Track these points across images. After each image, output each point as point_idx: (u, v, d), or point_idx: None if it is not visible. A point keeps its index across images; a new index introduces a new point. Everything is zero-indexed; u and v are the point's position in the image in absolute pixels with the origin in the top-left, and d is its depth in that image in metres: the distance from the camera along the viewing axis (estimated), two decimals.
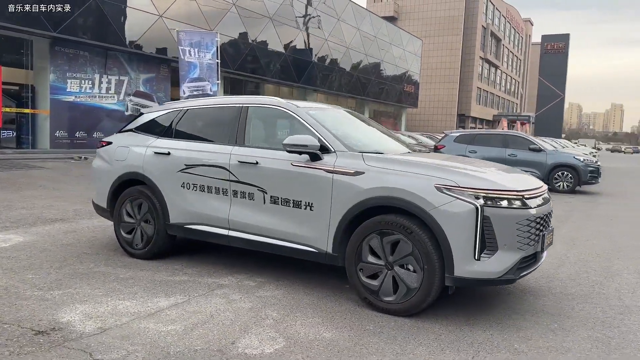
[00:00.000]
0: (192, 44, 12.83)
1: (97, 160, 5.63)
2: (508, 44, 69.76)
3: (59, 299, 3.90)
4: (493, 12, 61.81)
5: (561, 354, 3.22)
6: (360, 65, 32.83)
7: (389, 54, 36.27)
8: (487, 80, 62.88)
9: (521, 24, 77.14)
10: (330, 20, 29.00)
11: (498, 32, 63.56)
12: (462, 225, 3.50)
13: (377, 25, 34.68)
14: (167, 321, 3.54)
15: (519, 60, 77.67)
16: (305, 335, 3.38)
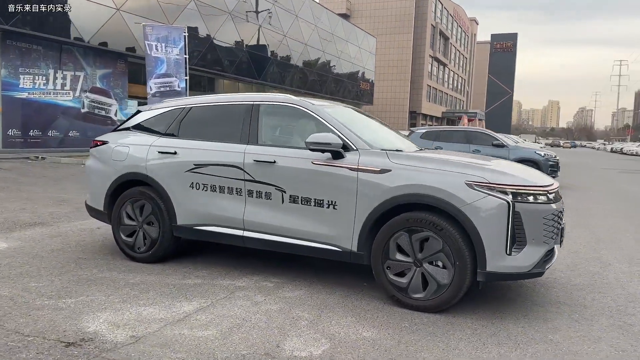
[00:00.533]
0: (159, 39, 12.42)
1: (91, 160, 5.37)
2: (455, 42, 71.74)
3: (75, 308, 3.70)
4: (441, 11, 63.36)
5: (594, 343, 3.35)
6: (318, 62, 32.87)
7: (345, 51, 36.50)
8: (436, 78, 64.45)
9: (467, 23, 79.53)
10: (288, 17, 28.87)
11: (446, 31, 65.25)
12: (494, 221, 3.58)
13: (334, 22, 34.82)
14: (200, 326, 3.43)
15: (465, 58, 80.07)
16: (345, 335, 3.36)
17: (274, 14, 27.18)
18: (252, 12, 25.30)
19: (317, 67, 32.76)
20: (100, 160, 5.21)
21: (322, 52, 33.20)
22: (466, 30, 78.02)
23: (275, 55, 27.90)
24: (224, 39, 23.97)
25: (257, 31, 26.05)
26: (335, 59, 35.18)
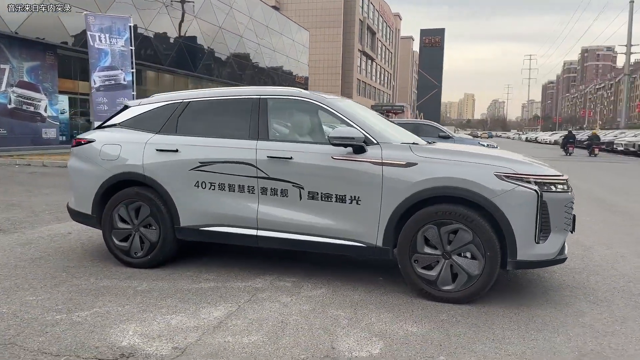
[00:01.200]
0: (102, 29, 11.63)
1: (74, 160, 4.95)
2: (381, 37, 73.32)
3: (94, 321, 3.40)
4: (368, 6, 64.45)
5: (622, 323, 3.53)
6: (254, 55, 32.38)
7: (280, 44, 36.21)
8: (365, 72, 65.60)
9: (392, 18, 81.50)
10: (223, 8, 28.17)
11: (373, 26, 66.51)
12: (524, 211, 3.67)
13: (268, 14, 34.42)
14: (241, 332, 3.27)
15: (390, 53, 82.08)
16: (393, 332, 3.32)
17: (209, 5, 26.42)
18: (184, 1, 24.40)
19: (253, 59, 32.27)
20: (86, 160, 4.82)
21: (258, 45, 32.75)
22: (391, 25, 79.94)
23: (211, 48, 27.14)
24: (158, 30, 23.00)
25: (193, 22, 25.20)
26: (271, 51, 34.83)
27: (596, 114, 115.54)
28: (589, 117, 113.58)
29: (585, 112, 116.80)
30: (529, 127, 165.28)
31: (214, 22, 27.18)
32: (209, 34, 26.78)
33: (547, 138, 60.63)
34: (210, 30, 26.89)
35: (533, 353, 3.03)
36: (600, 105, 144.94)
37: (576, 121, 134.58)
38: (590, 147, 28.16)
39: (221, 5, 27.89)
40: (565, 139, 29.72)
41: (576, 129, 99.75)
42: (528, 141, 69.64)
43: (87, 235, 5.93)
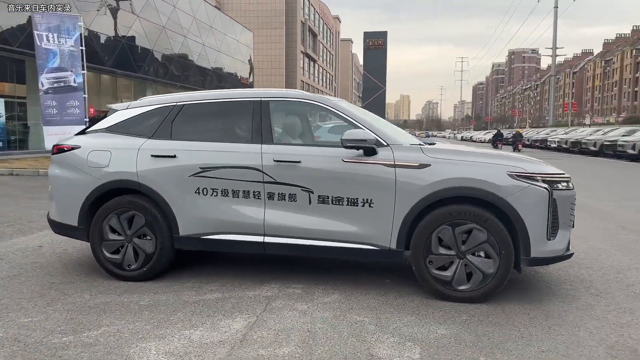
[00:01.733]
0: (50, 29, 10.90)
1: (56, 169, 4.59)
2: (322, 39, 73.79)
3: (107, 342, 3.16)
4: (309, 8, 64.66)
5: (631, 314, 3.68)
6: (199, 55, 31.63)
7: (224, 44, 35.58)
8: (308, 74, 65.77)
9: (332, 20, 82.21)
10: (167, 7, 27.33)
11: (314, 28, 66.80)
12: (537, 209, 3.76)
13: (212, 15, 33.73)
14: (271, 345, 3.14)
15: (331, 55, 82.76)
16: (423, 335, 3.30)
17: (152, 5, 25.55)
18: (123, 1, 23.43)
19: (198, 59, 31.52)
20: (71, 169, 4.49)
21: (202, 46, 32.02)
22: (331, 27, 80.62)
23: (154, 48, 26.25)
24: (100, 30, 21.96)
25: (136, 22, 24.27)
26: (215, 52, 34.16)
27: (525, 113, 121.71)
28: (519, 116, 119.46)
29: (515, 111, 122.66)
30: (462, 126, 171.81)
31: (158, 22, 26.32)
32: (153, 34, 25.89)
33: (481, 137, 63.15)
34: (154, 30, 26.01)
35: (564, 349, 3.09)
36: (528, 105, 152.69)
37: (506, 120, 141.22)
38: (514, 144, 32.18)
39: (164, 4, 27.04)
40: (495, 137, 35.40)
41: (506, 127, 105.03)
42: (463, 140, 72.19)
43: (61, 248, 5.55)
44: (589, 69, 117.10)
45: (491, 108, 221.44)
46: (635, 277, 4.59)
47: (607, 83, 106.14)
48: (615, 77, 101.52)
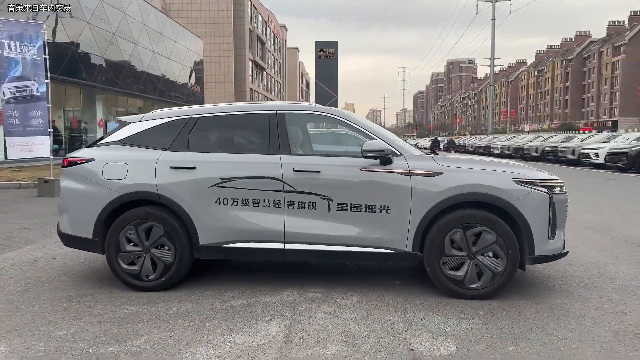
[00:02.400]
0: (12, 37, 10.48)
1: (69, 182, 4.56)
2: (270, 47, 73.97)
3: (154, 349, 3.25)
4: (257, 16, 64.71)
5: (624, 304, 4.10)
6: (149, 62, 31.00)
7: (174, 52, 35.05)
8: (257, 82, 65.69)
9: (278, 29, 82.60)
10: (117, 14, 26.69)
11: (262, 36, 66.89)
12: (540, 211, 4.14)
13: (162, 21, 33.19)
14: (316, 344, 3.32)
15: (279, 63, 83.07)
16: (451, 329, 3.57)
17: (102, 11, 24.88)
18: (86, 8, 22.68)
19: (148, 67, 30.88)
20: (85, 181, 4.48)
21: (153, 53, 31.41)
22: (278, 36, 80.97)
23: (105, 55, 25.54)
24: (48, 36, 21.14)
25: (86, 28, 23.56)
26: (166, 59, 33.59)
27: (465, 121, 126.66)
28: (460, 123, 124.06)
29: (456, 119, 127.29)
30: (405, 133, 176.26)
31: (108, 29, 25.65)
32: (103, 40, 25.20)
33: (425, 143, 65.16)
34: (104, 36, 25.32)
35: (578, 336, 3.45)
36: (467, 113, 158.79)
37: (446, 128, 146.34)
38: (448, 149, 37.07)
39: (114, 11, 26.40)
40: (432, 144, 38.74)
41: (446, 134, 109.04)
42: None
43: (59, 262, 5.48)
44: (523, 78, 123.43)
45: (432, 116, 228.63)
46: (614, 271, 5.08)
47: (540, 92, 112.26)
48: (547, 86, 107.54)
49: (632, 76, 78.58)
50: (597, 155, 21.49)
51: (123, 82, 27.90)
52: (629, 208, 9.58)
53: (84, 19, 23.39)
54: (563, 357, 3.14)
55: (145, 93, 30.61)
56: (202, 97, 42.12)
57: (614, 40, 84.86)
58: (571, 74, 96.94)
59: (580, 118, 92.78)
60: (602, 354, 3.18)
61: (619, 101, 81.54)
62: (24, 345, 3.32)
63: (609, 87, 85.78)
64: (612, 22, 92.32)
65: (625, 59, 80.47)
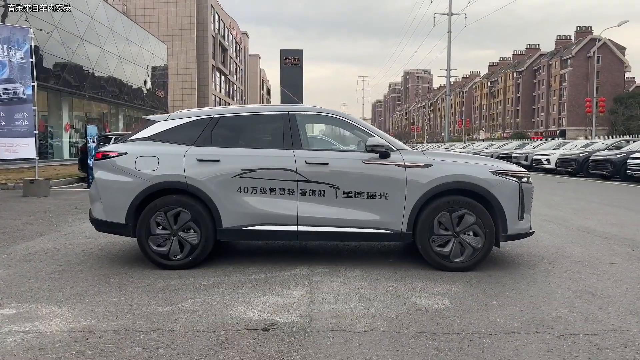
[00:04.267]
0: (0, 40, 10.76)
1: (104, 172, 5.09)
2: (232, 54, 74.19)
3: (202, 309, 3.85)
4: (219, 23, 64.92)
5: (577, 273, 4.99)
6: (116, 67, 30.93)
7: (140, 56, 35.02)
8: (220, 88, 65.79)
9: (240, 36, 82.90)
10: (84, 19, 26.62)
11: (225, 42, 67.09)
12: (511, 197, 4.99)
13: (128, 27, 33.16)
14: (337, 302, 4.00)
15: (241, 69, 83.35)
16: (444, 291, 4.33)
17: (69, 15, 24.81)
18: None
19: (114, 72, 30.80)
20: (119, 172, 5.04)
21: (119, 58, 31.36)
22: (240, 43, 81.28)
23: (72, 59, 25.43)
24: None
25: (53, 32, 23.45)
26: (131, 64, 33.54)
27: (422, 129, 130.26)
28: (418, 132, 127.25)
29: (415, 128, 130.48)
30: None
31: (75, 33, 25.57)
32: (70, 44, 25.11)
33: None
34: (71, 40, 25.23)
35: (545, 294, 4.28)
36: (423, 122, 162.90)
37: (404, 136, 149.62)
38: None
39: (82, 15, 26.34)
40: None
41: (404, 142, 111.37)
42: None
43: (80, 249, 5.96)
44: (476, 89, 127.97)
45: (390, 124, 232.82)
46: (570, 251, 5.99)
47: (493, 102, 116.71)
48: (499, 97, 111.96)
49: (578, 88, 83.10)
50: (548, 161, 23.07)
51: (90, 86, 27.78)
52: (580, 205, 10.72)
53: (52, 23, 23.30)
54: (535, 306, 3.96)
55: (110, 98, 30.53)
56: (167, 103, 42.09)
57: (562, 53, 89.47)
58: (522, 85, 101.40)
59: (531, 127, 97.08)
60: (565, 304, 4.02)
61: (567, 112, 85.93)
62: (87, 308, 3.87)
63: (557, 98, 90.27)
64: (559, 37, 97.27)
65: (572, 71, 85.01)
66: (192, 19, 56.01)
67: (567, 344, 3.23)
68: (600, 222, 8.27)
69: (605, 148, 20.81)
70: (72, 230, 7.18)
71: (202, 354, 3.04)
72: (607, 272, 5.04)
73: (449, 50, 55.61)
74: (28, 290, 4.32)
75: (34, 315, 3.70)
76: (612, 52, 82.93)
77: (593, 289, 4.46)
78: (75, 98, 27.58)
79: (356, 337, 3.32)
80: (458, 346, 3.19)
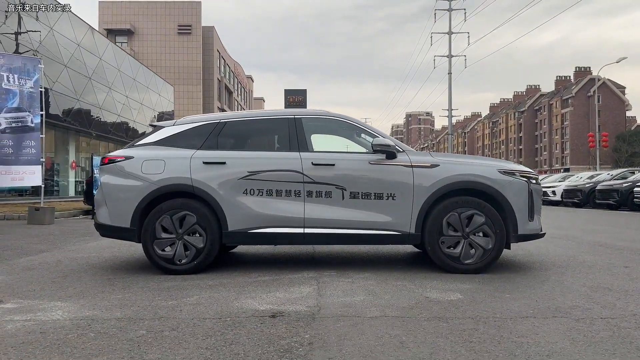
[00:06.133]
0: (11, 70, 10.92)
1: (110, 177, 5.08)
2: (237, 96, 75.48)
3: (209, 303, 3.76)
4: (225, 67, 66.39)
5: (592, 273, 4.87)
6: (123, 108, 31.45)
7: (147, 97, 35.66)
8: None
9: (245, 79, 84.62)
10: (93, 59, 27.29)
11: (230, 85, 68.41)
12: (521, 197, 4.92)
13: (135, 68, 33.92)
14: (346, 295, 3.90)
15: None
16: (455, 288, 4.22)
17: (79, 54, 25.44)
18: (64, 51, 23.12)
19: (122, 112, 31.29)
20: (125, 176, 5.03)
21: (126, 97, 31.93)
22: (245, 86, 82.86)
23: (80, 98, 25.89)
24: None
25: (63, 71, 23.99)
26: (138, 104, 34.11)
27: None
28: None
29: None
30: None
31: (84, 72, 26.15)
32: (79, 83, 25.62)
33: None
34: (80, 79, 25.77)
35: (560, 289, 4.17)
36: None
37: None
38: None
39: (90, 56, 27.01)
40: None
41: None
42: None
43: (83, 261, 5.88)
44: (478, 129, 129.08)
45: None
46: (581, 259, 5.87)
47: (495, 142, 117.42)
48: (502, 136, 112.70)
49: (580, 127, 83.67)
50: (554, 193, 22.97)
51: (98, 126, 28.18)
52: (588, 227, 10.59)
53: (62, 62, 23.87)
54: (550, 298, 3.84)
55: (117, 137, 30.88)
56: None
57: (562, 93, 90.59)
58: (524, 124, 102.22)
59: (535, 166, 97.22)
60: (582, 296, 3.90)
61: (570, 150, 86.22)
62: (90, 302, 3.78)
63: (560, 137, 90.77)
64: (559, 77, 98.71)
65: (573, 111, 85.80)
66: (199, 62, 57.30)
67: (586, 325, 3.12)
68: (610, 237, 8.15)
69: (611, 178, 20.74)
70: (76, 248, 7.12)
71: (208, 335, 2.94)
72: (622, 273, 4.93)
73: (450, 90, 56.31)
74: (31, 291, 4.24)
75: (35, 308, 3.61)
76: (612, 92, 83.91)
77: (609, 284, 4.35)
78: (82, 136, 27.92)
79: (367, 321, 3.22)
80: (473, 327, 3.08)
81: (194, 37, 57.80)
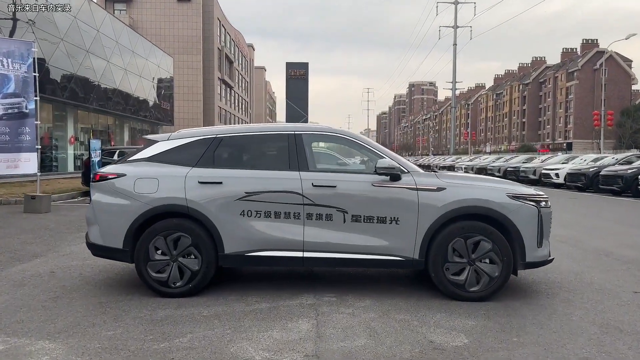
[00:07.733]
0: (5, 54, 10.55)
1: (100, 195, 4.87)
2: (238, 66, 74.45)
3: (201, 345, 3.61)
4: (225, 36, 65.24)
5: (601, 303, 4.70)
6: (121, 79, 30.94)
7: (145, 69, 35.08)
8: (225, 100, 65.92)
9: (246, 48, 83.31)
10: (90, 31, 26.67)
11: (230, 55, 67.38)
12: (530, 223, 4.72)
13: (134, 39, 33.25)
14: (346, 339, 3.73)
15: (246, 82, 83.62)
16: (460, 326, 4.06)
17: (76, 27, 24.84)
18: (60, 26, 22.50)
19: (120, 84, 30.81)
20: (117, 194, 4.81)
21: (125, 70, 31.39)
22: (246, 55, 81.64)
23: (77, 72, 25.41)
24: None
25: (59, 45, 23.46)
26: (137, 77, 33.57)
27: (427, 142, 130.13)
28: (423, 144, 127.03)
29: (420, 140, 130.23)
30: None
31: (81, 46, 25.60)
32: (76, 57, 25.11)
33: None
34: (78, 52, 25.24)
35: (569, 329, 4.00)
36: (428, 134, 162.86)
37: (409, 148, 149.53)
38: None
39: (88, 28, 26.38)
40: None
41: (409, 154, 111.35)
42: None
43: (76, 273, 5.73)
44: (482, 101, 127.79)
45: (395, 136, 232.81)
46: (589, 278, 5.70)
47: (499, 114, 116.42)
48: (505, 109, 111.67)
49: (585, 101, 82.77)
50: (557, 176, 22.72)
51: (95, 99, 27.76)
52: (592, 223, 10.41)
53: (58, 36, 23.31)
54: (560, 345, 3.68)
55: (116, 110, 30.51)
56: (172, 115, 42.12)
57: (568, 66, 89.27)
58: (528, 97, 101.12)
59: (537, 140, 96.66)
60: (592, 342, 3.74)
61: (573, 124, 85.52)
62: (80, 343, 3.62)
63: (564, 111, 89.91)
64: (565, 49, 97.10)
65: (579, 84, 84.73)
66: (199, 32, 56.26)
67: None
68: (615, 243, 7.97)
69: (616, 163, 20.47)
70: (70, 251, 6.95)
71: None
72: (632, 302, 4.76)
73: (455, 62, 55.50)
74: (19, 322, 4.07)
75: (22, 352, 3.45)
76: (618, 65, 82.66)
77: (619, 322, 4.17)
78: (80, 110, 27.55)
79: None
80: None
81: (193, 5, 56.64)
